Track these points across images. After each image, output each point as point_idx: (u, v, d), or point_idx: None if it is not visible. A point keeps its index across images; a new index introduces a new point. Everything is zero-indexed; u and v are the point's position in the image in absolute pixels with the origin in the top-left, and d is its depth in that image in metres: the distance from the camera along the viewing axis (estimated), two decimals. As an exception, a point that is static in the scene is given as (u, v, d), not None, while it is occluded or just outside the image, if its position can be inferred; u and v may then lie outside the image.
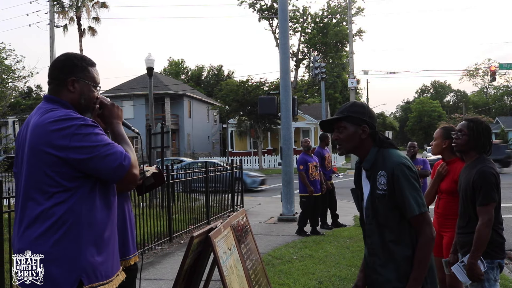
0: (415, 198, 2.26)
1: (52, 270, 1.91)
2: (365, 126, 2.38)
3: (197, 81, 65.12)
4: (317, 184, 8.78)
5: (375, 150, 2.39)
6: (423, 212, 2.26)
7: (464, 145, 3.20)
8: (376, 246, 2.38)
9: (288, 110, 10.72)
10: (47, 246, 1.92)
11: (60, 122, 1.96)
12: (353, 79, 34.07)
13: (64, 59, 2.18)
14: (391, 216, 2.32)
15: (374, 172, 2.36)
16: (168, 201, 8.30)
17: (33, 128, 2.00)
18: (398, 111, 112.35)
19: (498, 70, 33.59)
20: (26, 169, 1.99)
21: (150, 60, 16.51)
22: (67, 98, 2.14)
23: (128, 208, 2.91)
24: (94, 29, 34.99)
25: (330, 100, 51.83)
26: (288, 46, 11.11)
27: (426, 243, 2.27)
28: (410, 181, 2.27)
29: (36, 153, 1.96)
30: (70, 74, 2.14)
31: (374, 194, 2.35)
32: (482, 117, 3.48)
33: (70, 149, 1.93)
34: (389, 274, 2.33)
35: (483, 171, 3.03)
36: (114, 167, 1.98)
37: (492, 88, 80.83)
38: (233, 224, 3.59)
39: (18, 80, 16.27)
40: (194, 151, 44.94)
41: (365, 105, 2.48)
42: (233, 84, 37.41)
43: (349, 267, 6.23)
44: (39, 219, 1.94)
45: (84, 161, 1.95)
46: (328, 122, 2.48)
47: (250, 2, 51.29)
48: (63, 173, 1.96)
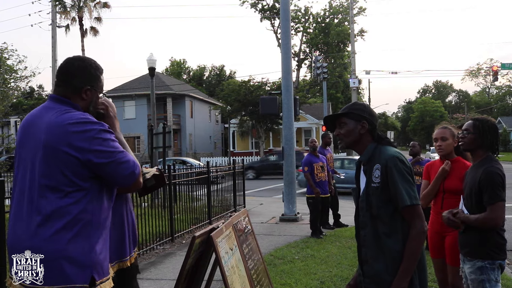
0: (407, 190, 2.34)
1: (67, 267, 1.97)
2: (364, 122, 2.52)
3: (199, 81, 65.17)
4: (324, 185, 8.59)
5: (373, 146, 2.52)
6: (414, 204, 2.33)
7: (470, 143, 3.18)
8: (369, 238, 2.45)
9: (290, 110, 10.72)
10: (62, 244, 1.97)
11: (80, 124, 2.03)
12: (355, 79, 34.01)
13: (82, 66, 2.21)
14: (384, 208, 2.39)
15: (371, 166, 2.48)
16: (170, 201, 8.31)
17: (50, 127, 2.04)
18: (400, 111, 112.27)
19: (500, 70, 33.60)
20: (40, 167, 2.03)
21: (152, 60, 16.53)
22: (78, 103, 2.20)
23: (127, 209, 2.89)
24: (96, 29, 35.06)
25: (332, 100, 51.80)
26: (290, 46, 11.10)
27: (416, 236, 2.31)
28: (402, 173, 2.36)
29: (54, 152, 2.00)
30: (86, 83, 2.20)
31: (369, 187, 2.45)
32: (487, 117, 3.48)
33: (90, 152, 2.01)
34: (379, 266, 2.39)
35: (489, 171, 3.01)
36: (127, 174, 2.09)
37: (494, 88, 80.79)
38: (235, 224, 3.60)
39: (20, 80, 16.29)
40: (196, 151, 44.96)
41: (366, 104, 2.65)
42: (235, 84, 37.45)
43: (350, 267, 6.22)
44: (53, 217, 1.98)
45: (102, 165, 2.04)
46: (330, 118, 2.65)
47: (252, 2, 51.24)
48: (79, 174, 2.02)
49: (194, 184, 10.14)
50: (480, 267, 3.04)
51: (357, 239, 2.59)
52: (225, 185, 11.33)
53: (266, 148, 40.22)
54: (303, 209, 11.56)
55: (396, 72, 37.18)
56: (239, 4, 51.85)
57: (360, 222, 2.53)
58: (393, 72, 36.83)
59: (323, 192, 8.55)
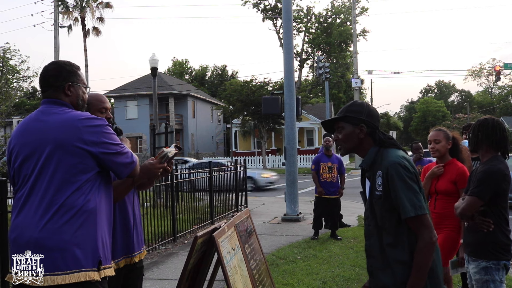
0: (410, 199, 2.15)
1: (77, 252, 2.12)
2: (363, 126, 2.34)
3: (201, 81, 65.15)
4: (329, 186, 8.44)
5: (374, 150, 2.34)
6: (419, 215, 2.15)
7: (475, 144, 3.20)
8: (374, 249, 2.31)
9: (292, 110, 10.72)
10: (69, 234, 2.12)
11: (88, 120, 2.24)
12: (357, 79, 34.03)
13: (57, 67, 2.41)
14: (387, 218, 2.23)
15: (373, 172, 2.31)
16: (172, 201, 8.32)
17: (57, 125, 2.21)
18: (402, 111, 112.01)
19: (503, 70, 33.48)
20: (49, 162, 2.16)
21: (154, 60, 16.54)
22: (66, 101, 2.37)
23: (133, 205, 2.93)
24: (98, 29, 35.17)
25: (334, 100, 51.76)
26: (292, 46, 11.10)
27: (423, 248, 2.14)
28: (405, 181, 2.18)
29: (66, 148, 2.17)
30: (66, 80, 2.38)
31: (373, 195, 2.30)
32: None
33: (100, 144, 2.23)
34: (386, 279, 2.24)
35: (490, 169, 3.03)
36: (128, 162, 2.34)
37: (497, 88, 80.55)
38: (237, 224, 3.60)
39: (22, 80, 16.35)
40: (198, 151, 44.99)
41: (364, 104, 2.44)
42: (237, 84, 37.40)
43: (353, 267, 6.22)
44: (62, 209, 2.13)
45: (109, 155, 2.26)
46: (328, 123, 2.48)
47: (254, 2, 51.22)
48: (87, 166, 2.21)
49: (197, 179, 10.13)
50: (484, 267, 3.04)
51: (365, 249, 2.45)
52: (227, 185, 11.33)
53: (269, 148, 40.22)
54: (305, 209, 11.57)
55: (399, 72, 37.20)
56: (241, 4, 51.75)
57: (365, 232, 2.40)
58: (395, 72, 36.80)
59: (327, 192, 8.45)
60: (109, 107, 2.85)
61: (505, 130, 3.18)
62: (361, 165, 2.42)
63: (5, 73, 15.18)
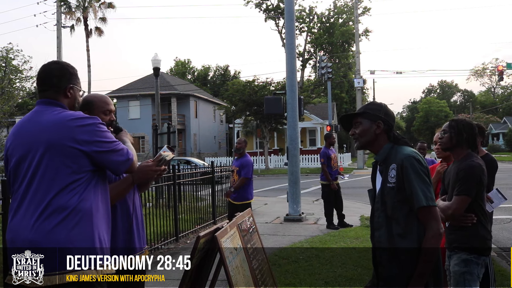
0: (423, 190, 2.30)
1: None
2: (380, 122, 2.50)
3: (204, 81, 65.17)
4: (336, 173, 9.62)
5: (389, 146, 2.50)
6: (430, 205, 2.28)
7: (447, 143, 3.27)
8: (383, 239, 2.41)
9: (294, 110, 10.71)
10: (64, 234, 2.11)
11: (80, 120, 2.23)
12: (359, 79, 34.00)
13: (60, 67, 2.41)
14: (399, 209, 2.35)
15: (386, 166, 2.45)
16: (174, 201, 8.33)
17: (50, 126, 2.20)
18: (405, 111, 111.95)
19: (505, 70, 33.36)
20: (44, 164, 2.16)
21: (157, 60, 16.55)
22: (64, 103, 2.37)
23: (134, 204, 2.91)
24: (101, 29, 35.18)
25: (337, 100, 51.68)
26: (294, 46, 11.10)
27: (432, 238, 2.27)
28: (419, 173, 2.32)
29: (59, 148, 2.16)
30: (68, 82, 2.38)
31: (385, 187, 2.43)
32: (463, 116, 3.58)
33: (93, 143, 2.22)
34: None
35: (470, 165, 3.10)
36: (123, 160, 2.33)
37: (500, 87, 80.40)
38: (240, 224, 3.60)
39: (25, 80, 16.44)
40: (200, 151, 45.00)
41: (383, 104, 2.61)
42: (239, 84, 37.40)
43: (355, 267, 6.21)
44: (56, 209, 2.13)
45: (103, 153, 2.25)
46: (347, 118, 2.66)
47: (256, 2, 51.17)
48: (81, 166, 2.20)
49: (199, 184, 10.14)
50: (465, 260, 3.10)
51: (372, 240, 2.54)
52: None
53: (271, 148, 40.18)
54: (308, 209, 11.56)
55: (401, 72, 37.05)
56: (244, 4, 51.61)
57: (375, 223, 2.49)
58: (398, 72, 36.75)
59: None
60: (113, 110, 2.85)
61: (475, 128, 3.31)
62: (376, 157, 2.55)
63: (8, 73, 15.25)
